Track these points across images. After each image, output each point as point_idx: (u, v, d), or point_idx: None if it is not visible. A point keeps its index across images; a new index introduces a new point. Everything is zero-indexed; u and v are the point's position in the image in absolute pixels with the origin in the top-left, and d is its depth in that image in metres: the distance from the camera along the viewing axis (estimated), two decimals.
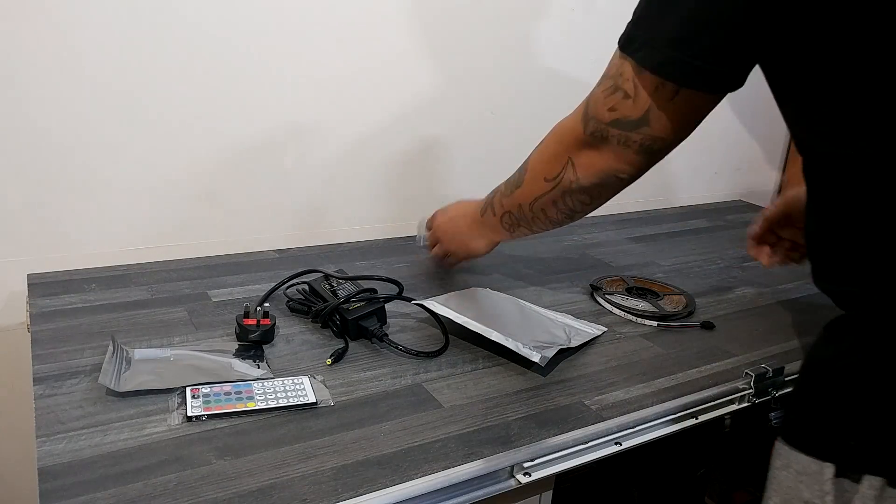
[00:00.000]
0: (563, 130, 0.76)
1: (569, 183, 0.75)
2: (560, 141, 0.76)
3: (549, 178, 0.77)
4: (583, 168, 0.74)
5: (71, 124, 1.01)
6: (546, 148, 0.78)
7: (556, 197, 0.78)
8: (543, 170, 0.78)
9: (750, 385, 0.84)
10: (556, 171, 0.76)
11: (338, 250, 1.21)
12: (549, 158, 0.77)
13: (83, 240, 1.07)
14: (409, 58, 1.22)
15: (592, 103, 0.71)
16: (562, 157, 0.75)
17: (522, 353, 0.81)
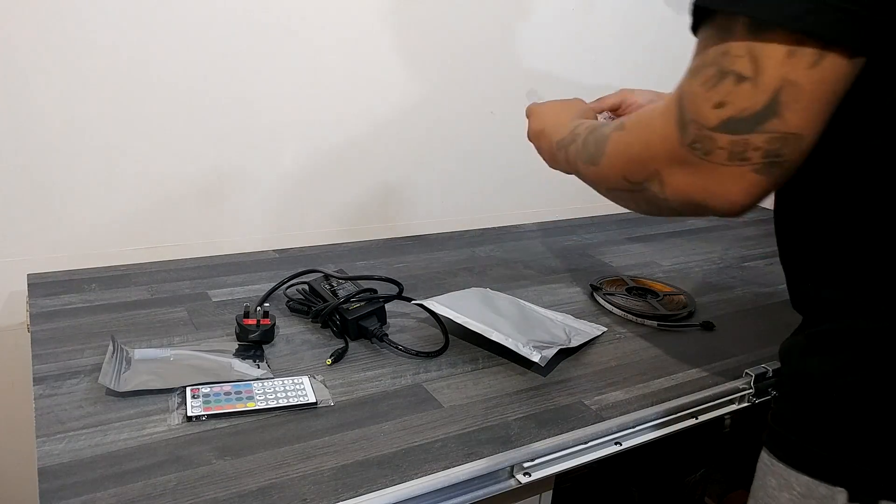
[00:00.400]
0: (651, 132, 0.55)
1: (653, 197, 0.57)
2: (647, 145, 0.56)
3: (631, 180, 0.59)
4: (675, 190, 0.55)
5: (71, 124, 1.01)
6: (628, 142, 0.59)
7: (637, 199, 0.61)
8: (624, 168, 0.60)
9: (750, 385, 0.84)
10: (640, 178, 0.58)
11: (338, 250, 1.21)
12: (631, 159, 0.58)
13: (83, 240, 1.07)
14: (409, 58, 1.23)
15: (689, 103, 0.51)
16: (647, 166, 0.56)
17: (522, 353, 0.81)
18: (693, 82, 0.51)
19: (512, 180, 1.41)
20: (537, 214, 1.46)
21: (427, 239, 1.30)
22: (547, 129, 0.81)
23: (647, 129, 0.57)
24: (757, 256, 1.29)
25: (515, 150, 1.40)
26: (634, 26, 1.43)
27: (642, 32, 1.45)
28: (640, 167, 0.57)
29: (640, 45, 1.46)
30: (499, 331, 0.84)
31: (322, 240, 1.24)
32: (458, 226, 1.37)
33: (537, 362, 0.79)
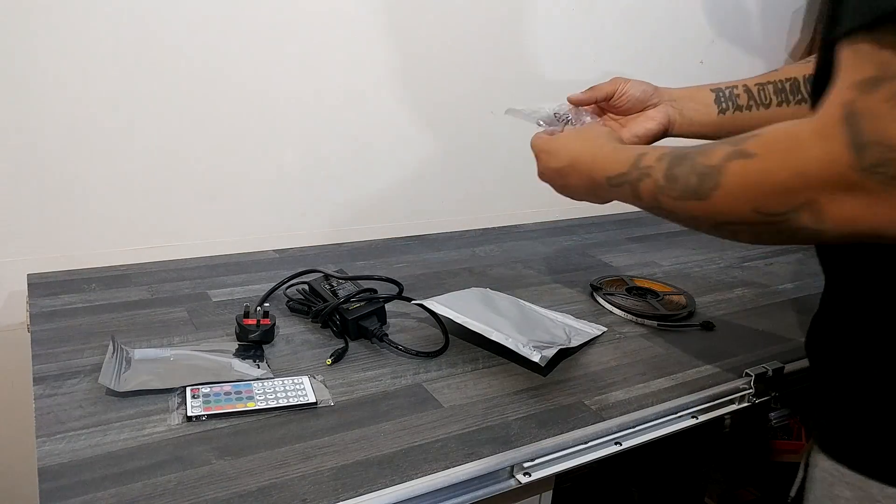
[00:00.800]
0: (803, 156, 0.49)
1: (799, 228, 0.51)
2: (798, 172, 0.50)
3: (765, 211, 0.52)
4: (838, 219, 0.49)
5: (71, 124, 1.01)
6: (764, 170, 0.52)
7: (765, 231, 0.54)
8: (758, 199, 0.53)
9: (750, 385, 0.84)
10: (781, 209, 0.51)
11: (338, 250, 1.21)
12: (769, 189, 0.52)
13: (83, 240, 1.07)
14: (408, 59, 1.22)
15: (869, 122, 0.45)
16: (796, 195, 0.50)
17: (522, 352, 0.81)
18: (871, 99, 0.45)
19: (512, 180, 1.41)
20: (537, 214, 1.46)
21: (427, 239, 1.30)
22: (581, 164, 0.74)
23: (795, 154, 0.50)
24: (757, 256, 1.29)
25: (515, 150, 1.40)
26: (634, 25, 1.43)
27: (642, 32, 1.45)
28: (785, 197, 0.51)
29: (640, 45, 1.46)
30: (499, 331, 0.84)
31: (322, 240, 1.24)
32: (458, 226, 1.37)
33: (537, 362, 0.79)
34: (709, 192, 0.57)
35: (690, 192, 0.58)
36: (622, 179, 0.67)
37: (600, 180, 0.70)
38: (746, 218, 0.54)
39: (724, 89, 0.88)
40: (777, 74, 0.86)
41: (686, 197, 0.59)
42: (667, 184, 0.61)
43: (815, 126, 0.48)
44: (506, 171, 1.40)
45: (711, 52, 1.56)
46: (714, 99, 0.87)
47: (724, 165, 0.55)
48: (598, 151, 0.73)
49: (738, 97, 0.87)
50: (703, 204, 0.58)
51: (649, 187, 0.63)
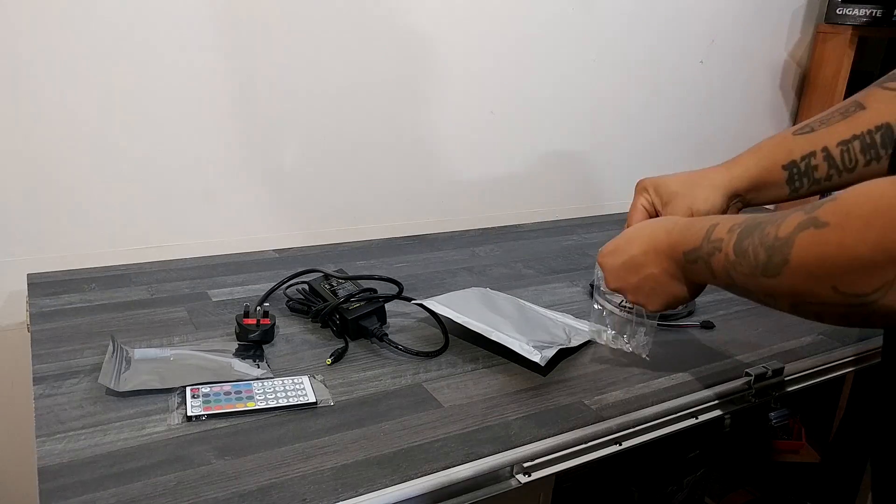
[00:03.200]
0: (885, 228, 0.43)
1: (886, 309, 0.45)
2: (879, 246, 0.43)
3: (846, 291, 0.47)
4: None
5: (71, 124, 1.01)
6: (841, 243, 0.46)
7: (851, 313, 0.48)
8: (833, 277, 0.47)
9: (750, 385, 0.84)
10: (865, 289, 0.45)
11: (338, 250, 1.21)
12: (848, 265, 0.46)
13: (83, 240, 1.07)
14: (408, 58, 1.22)
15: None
16: (881, 272, 0.44)
17: (522, 352, 0.81)
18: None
19: (512, 180, 1.41)
20: (537, 214, 1.46)
21: (427, 239, 1.30)
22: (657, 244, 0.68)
23: (876, 227, 0.43)
24: None
25: (515, 150, 1.40)
26: (634, 25, 1.43)
27: (642, 32, 1.45)
28: (869, 275, 0.44)
29: (640, 45, 1.46)
30: (499, 330, 0.84)
31: (322, 240, 1.24)
32: (458, 226, 1.37)
33: (537, 362, 0.79)
34: (779, 268, 0.51)
35: (760, 268, 0.53)
36: (696, 255, 0.61)
37: (678, 257, 0.64)
38: (826, 298, 0.48)
39: (799, 163, 0.74)
40: (864, 120, 0.71)
41: (756, 273, 0.53)
42: (737, 258, 0.56)
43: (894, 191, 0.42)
44: (506, 171, 1.40)
45: (711, 52, 1.56)
46: (787, 178, 0.75)
47: (794, 237, 0.49)
48: (672, 227, 0.67)
49: (815, 169, 0.74)
50: (775, 281, 0.52)
51: (721, 262, 0.58)
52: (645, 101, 1.52)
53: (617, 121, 1.50)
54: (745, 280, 0.55)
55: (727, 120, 1.66)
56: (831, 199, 0.48)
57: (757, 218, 0.56)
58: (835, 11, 1.62)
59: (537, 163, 1.43)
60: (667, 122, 1.57)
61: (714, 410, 0.83)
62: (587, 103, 1.44)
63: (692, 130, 1.62)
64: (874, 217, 0.43)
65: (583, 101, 1.43)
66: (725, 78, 1.61)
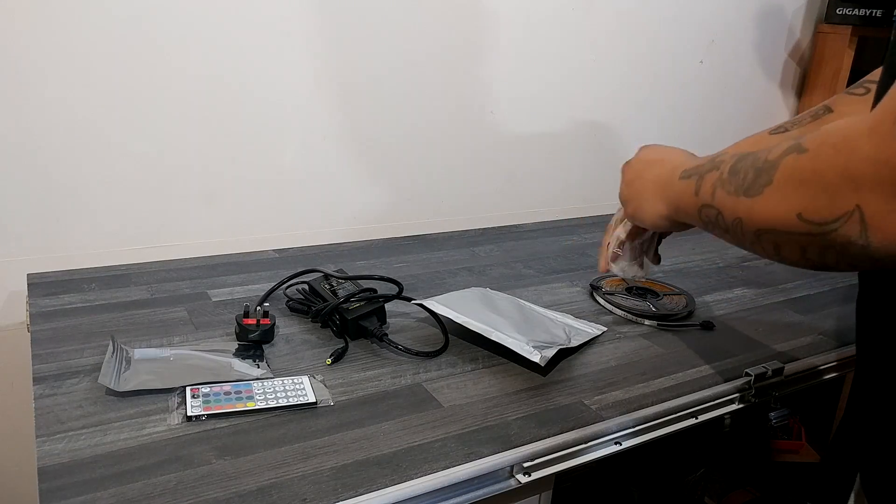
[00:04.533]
0: (849, 156, 0.45)
1: (845, 239, 0.46)
2: (844, 172, 0.45)
3: (811, 219, 0.48)
4: (882, 229, 0.44)
5: (71, 124, 1.01)
6: (815, 169, 0.48)
7: (810, 244, 0.49)
8: (801, 202, 0.48)
9: (750, 385, 0.84)
10: (827, 217, 0.47)
11: (338, 250, 1.21)
12: (816, 189, 0.47)
13: (83, 240, 1.07)
14: (407, 58, 1.23)
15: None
16: (842, 199, 0.45)
17: (522, 352, 0.81)
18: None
19: (512, 180, 1.42)
20: (537, 214, 1.46)
21: (427, 239, 1.30)
22: (666, 160, 0.73)
23: (842, 154, 0.45)
24: (757, 256, 1.29)
25: (515, 150, 1.40)
26: (634, 26, 1.43)
27: (641, 32, 1.45)
28: (832, 201, 0.46)
29: (640, 45, 1.46)
30: (499, 330, 0.84)
31: (322, 240, 1.24)
32: (458, 226, 1.37)
33: (537, 362, 0.79)
34: (761, 189, 0.53)
35: (745, 186, 0.55)
36: (695, 171, 0.64)
37: (674, 175, 0.68)
38: (790, 225, 0.50)
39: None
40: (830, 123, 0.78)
41: (739, 192, 0.56)
42: (728, 177, 0.58)
43: (870, 123, 0.44)
44: (506, 171, 1.40)
45: (711, 52, 1.56)
46: None
47: (780, 161, 0.51)
48: (691, 156, 0.73)
49: None
50: (751, 202, 0.54)
51: (712, 179, 0.60)
52: (645, 101, 1.52)
53: (617, 121, 1.50)
54: (724, 200, 0.57)
55: (727, 120, 1.66)
56: (817, 130, 0.50)
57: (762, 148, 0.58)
58: (835, 11, 1.62)
59: (537, 163, 1.43)
60: (667, 122, 1.57)
61: (714, 410, 0.83)
62: (587, 103, 1.44)
63: (692, 130, 1.62)
64: (842, 146, 0.45)
65: (583, 101, 1.43)
66: (725, 78, 1.61)
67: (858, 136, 0.44)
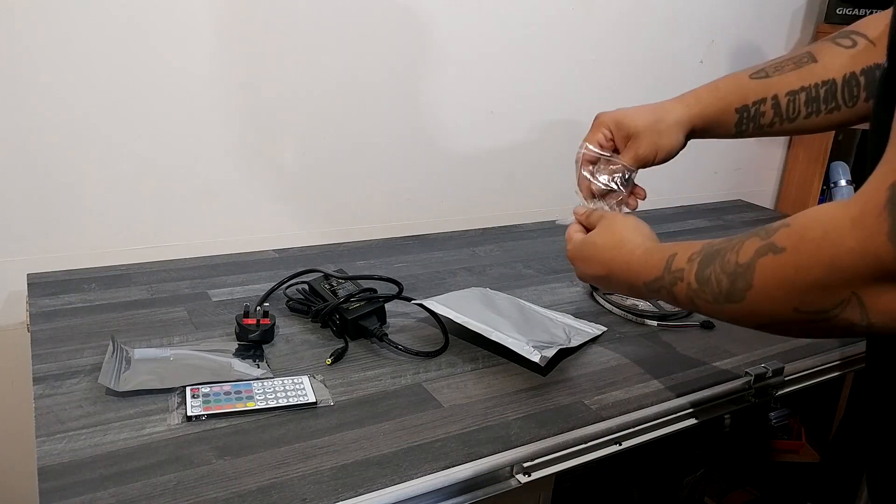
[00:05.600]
0: (838, 250, 0.45)
1: (847, 323, 0.48)
2: (831, 268, 0.46)
3: (806, 310, 0.49)
4: (882, 311, 0.45)
5: (71, 124, 1.01)
6: (797, 266, 0.49)
7: (813, 328, 0.51)
8: (793, 298, 0.49)
9: (750, 385, 0.84)
10: (823, 306, 0.48)
11: (338, 250, 1.21)
12: (806, 286, 0.48)
13: (83, 240, 1.07)
14: (407, 58, 1.22)
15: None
16: (836, 291, 0.47)
17: (522, 352, 0.81)
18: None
19: (512, 180, 1.41)
20: (537, 214, 1.46)
21: (427, 239, 1.30)
22: (618, 274, 0.71)
23: (826, 249, 0.46)
24: None
25: (515, 150, 1.40)
26: (633, 26, 1.43)
27: (641, 33, 1.45)
28: (825, 294, 0.47)
29: (640, 46, 1.46)
30: (499, 330, 0.84)
31: (322, 240, 1.24)
32: (458, 226, 1.37)
33: (537, 362, 0.79)
34: (742, 293, 0.53)
35: (724, 294, 0.55)
36: (658, 284, 0.64)
37: (639, 286, 0.68)
38: (788, 317, 0.51)
39: (750, 108, 0.80)
40: (812, 73, 0.77)
41: (722, 301, 0.56)
42: (699, 287, 0.58)
43: (853, 213, 0.44)
44: (506, 171, 1.40)
45: (711, 52, 1.56)
46: (735, 122, 0.82)
47: (754, 263, 0.51)
48: (630, 258, 0.70)
49: (762, 115, 0.80)
50: (738, 307, 0.54)
51: (683, 291, 0.60)
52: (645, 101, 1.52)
53: None
54: (710, 307, 0.58)
55: None
56: (785, 226, 0.50)
57: (713, 245, 0.58)
58: (835, 11, 1.62)
59: (537, 163, 1.43)
60: None
61: (714, 410, 0.83)
62: (587, 103, 1.44)
63: None
64: (824, 240, 0.46)
65: (583, 101, 1.43)
66: None
67: (841, 229, 0.45)
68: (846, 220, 0.45)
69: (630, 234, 0.74)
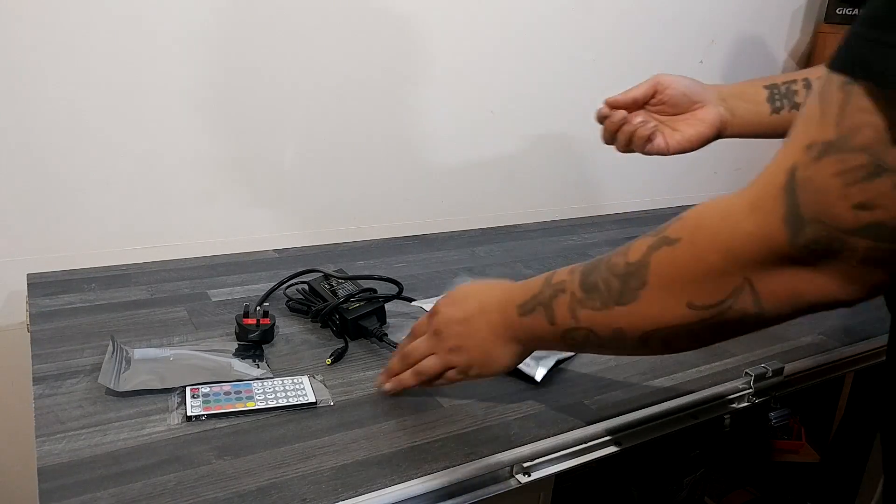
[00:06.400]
0: (733, 235, 0.45)
1: (740, 313, 0.48)
2: (728, 252, 0.46)
3: (701, 304, 0.48)
4: (773, 295, 0.46)
5: (71, 124, 1.01)
6: (694, 256, 0.48)
7: (703, 329, 0.50)
8: (688, 291, 0.49)
9: (750, 385, 0.84)
10: (717, 297, 0.48)
11: (338, 250, 1.21)
12: (701, 275, 0.48)
13: (83, 240, 1.07)
14: (408, 58, 1.22)
15: (813, 197, 0.41)
16: (731, 277, 0.46)
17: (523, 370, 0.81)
18: (821, 170, 0.40)
19: (512, 180, 1.41)
20: (537, 214, 1.46)
21: (427, 239, 1.30)
22: (490, 303, 0.66)
23: (723, 234, 0.46)
24: None
25: (515, 150, 1.40)
26: (633, 25, 1.43)
27: (641, 32, 1.45)
28: (719, 282, 0.47)
29: (640, 46, 1.46)
30: None
31: (322, 240, 1.24)
32: (458, 226, 1.37)
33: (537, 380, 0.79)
34: (636, 293, 0.51)
35: (615, 296, 0.53)
36: (534, 302, 0.61)
37: (510, 313, 0.63)
38: (680, 317, 0.49)
39: (780, 85, 0.80)
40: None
41: (609, 303, 0.53)
42: (585, 294, 0.55)
43: (751, 197, 0.45)
44: (506, 171, 1.40)
45: (711, 52, 1.56)
46: (767, 97, 0.80)
47: (648, 259, 0.50)
48: (508, 285, 0.67)
49: (795, 94, 0.79)
50: (629, 309, 0.52)
51: (565, 303, 0.57)
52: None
53: None
54: (593, 317, 0.55)
55: None
56: (677, 219, 0.50)
57: (595, 258, 0.56)
58: (835, 11, 1.62)
59: (537, 163, 1.43)
60: None
61: (714, 410, 0.83)
62: (587, 103, 1.44)
63: None
64: (721, 227, 0.46)
65: (583, 101, 1.43)
66: (725, 78, 1.61)
67: (737, 213, 0.45)
68: (744, 204, 0.45)
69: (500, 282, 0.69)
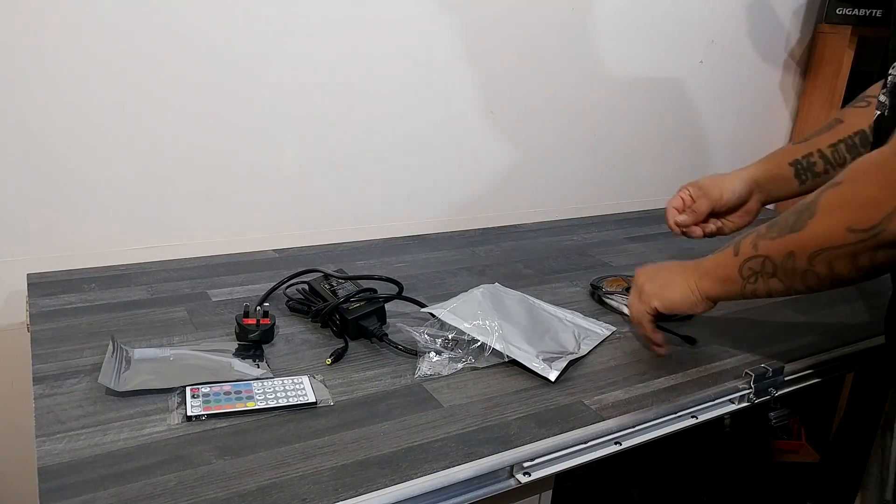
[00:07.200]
0: (886, 170, 0.59)
1: (891, 235, 0.60)
2: (884, 185, 0.59)
3: (859, 228, 0.61)
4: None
5: (71, 124, 1.01)
6: (854, 190, 0.62)
7: (861, 250, 0.62)
8: (848, 217, 0.62)
9: (750, 385, 0.84)
10: (873, 221, 0.60)
11: (338, 250, 1.21)
12: (860, 204, 0.61)
13: (83, 240, 1.07)
14: (408, 58, 1.22)
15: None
16: (885, 203, 0.59)
17: (532, 367, 0.80)
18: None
19: (512, 180, 1.41)
20: (537, 214, 1.46)
21: (427, 239, 1.30)
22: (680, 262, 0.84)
23: (878, 171, 0.61)
24: None
25: (515, 150, 1.40)
26: (633, 25, 1.43)
27: (641, 32, 1.45)
28: (875, 208, 0.60)
29: (640, 46, 1.46)
30: (508, 341, 0.83)
31: (322, 240, 1.24)
32: (458, 226, 1.37)
33: (551, 380, 0.79)
34: (805, 223, 0.66)
35: (789, 226, 0.67)
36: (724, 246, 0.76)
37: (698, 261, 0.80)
38: (842, 238, 0.63)
39: (801, 160, 0.93)
40: (844, 129, 0.91)
41: (783, 233, 0.68)
42: (767, 230, 0.71)
43: (893, 147, 0.59)
44: (506, 171, 1.40)
45: (711, 52, 1.56)
46: (794, 174, 0.93)
47: (818, 198, 0.65)
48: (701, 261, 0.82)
49: (814, 165, 0.92)
50: (799, 234, 0.66)
51: (750, 238, 0.72)
52: (644, 102, 1.52)
53: (617, 121, 1.49)
54: (769, 245, 0.70)
55: (727, 120, 1.66)
56: (843, 171, 0.64)
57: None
58: (835, 11, 1.62)
59: (537, 163, 1.43)
60: (666, 123, 1.57)
61: (714, 410, 0.83)
62: (587, 103, 1.44)
63: (692, 130, 1.62)
64: (875, 168, 0.61)
65: (582, 101, 1.43)
66: (725, 78, 1.61)
67: (889, 156, 0.60)
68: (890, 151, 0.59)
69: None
